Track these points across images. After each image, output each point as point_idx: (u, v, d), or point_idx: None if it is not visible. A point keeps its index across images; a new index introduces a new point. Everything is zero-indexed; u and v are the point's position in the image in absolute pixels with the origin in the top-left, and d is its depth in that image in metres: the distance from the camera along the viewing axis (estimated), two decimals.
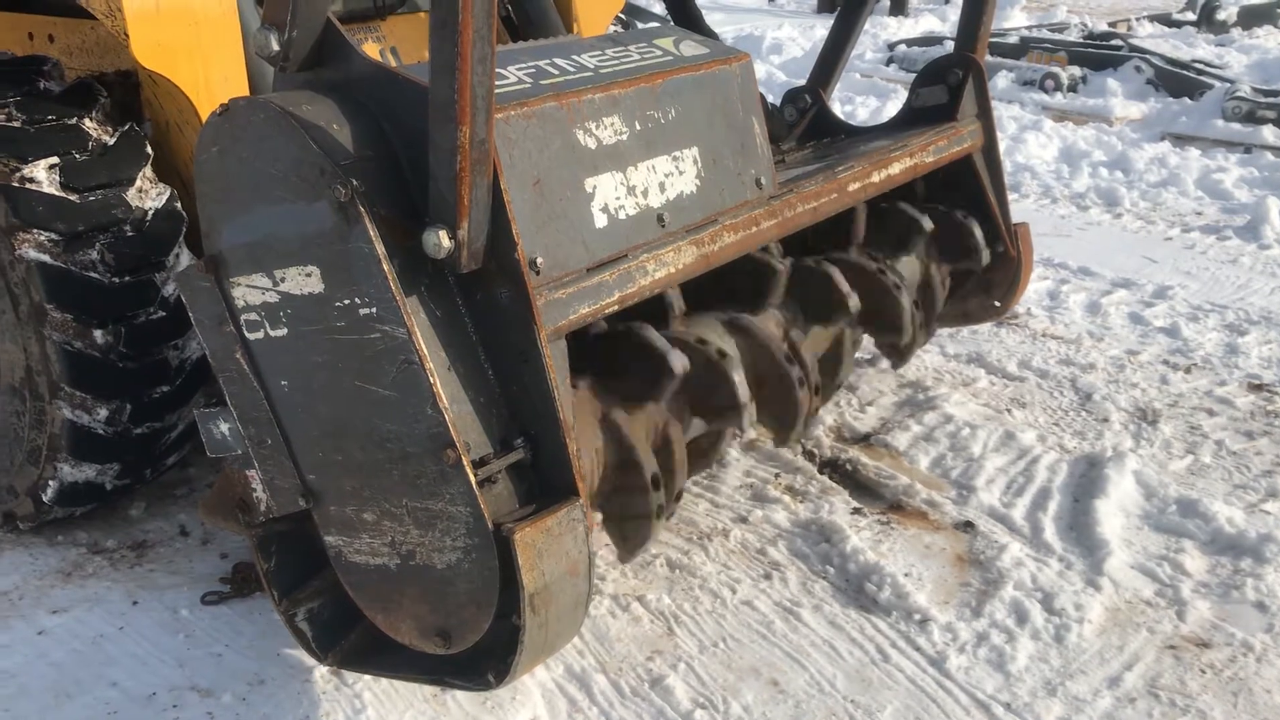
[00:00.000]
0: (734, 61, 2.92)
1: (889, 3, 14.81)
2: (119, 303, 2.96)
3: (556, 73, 2.53)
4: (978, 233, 3.76)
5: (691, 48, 2.92)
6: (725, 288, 3.01)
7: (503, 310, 2.19)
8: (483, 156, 2.02)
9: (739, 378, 2.71)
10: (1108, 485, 3.43)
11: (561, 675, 2.71)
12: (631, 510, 2.59)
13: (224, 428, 2.39)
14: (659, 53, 2.82)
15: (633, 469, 2.55)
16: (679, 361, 2.56)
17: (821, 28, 12.77)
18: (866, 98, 9.25)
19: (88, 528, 3.34)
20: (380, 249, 2.04)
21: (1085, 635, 2.83)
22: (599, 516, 2.66)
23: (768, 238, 2.92)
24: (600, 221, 2.45)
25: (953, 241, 3.76)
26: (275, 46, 2.14)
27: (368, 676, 2.63)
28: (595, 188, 2.46)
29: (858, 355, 3.80)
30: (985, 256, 3.80)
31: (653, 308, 2.71)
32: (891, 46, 11.16)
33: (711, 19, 3.90)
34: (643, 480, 2.53)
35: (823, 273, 3.18)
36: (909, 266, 3.67)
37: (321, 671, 2.69)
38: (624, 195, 2.53)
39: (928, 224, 3.60)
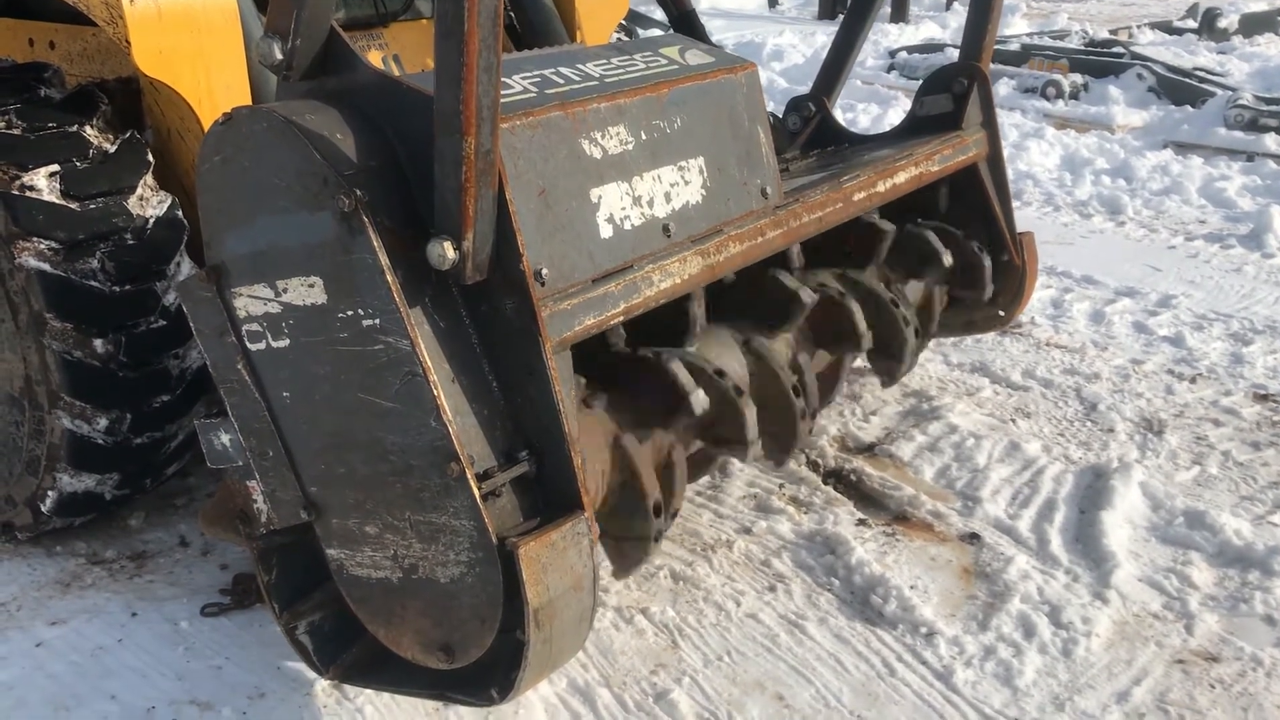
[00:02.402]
0: (739, 70, 2.91)
1: (890, 9, 14.81)
2: (119, 312, 2.94)
3: (562, 82, 2.51)
4: (988, 266, 3.75)
5: (697, 57, 2.90)
6: (747, 294, 3.03)
7: (507, 322, 2.17)
8: (488, 167, 2.00)
9: (750, 417, 2.70)
10: (1114, 497, 3.41)
11: (565, 689, 2.68)
12: (632, 532, 2.57)
13: (225, 439, 2.37)
14: (664, 62, 2.81)
15: (638, 494, 2.54)
16: (700, 404, 2.56)
17: (823, 34, 12.80)
18: (868, 105, 9.24)
19: (87, 538, 3.32)
20: (384, 260, 2.02)
21: (1093, 649, 2.80)
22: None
23: (774, 248, 2.90)
24: (606, 232, 2.43)
25: (964, 272, 3.76)
26: (279, 55, 2.13)
27: (369, 691, 2.60)
28: (600, 198, 2.44)
29: (858, 363, 3.78)
30: (990, 291, 3.80)
31: (674, 316, 2.72)
32: (893, 53, 11.15)
33: (712, 26, 3.89)
34: (645, 506, 2.53)
35: (846, 308, 3.20)
36: (914, 290, 3.67)
37: (322, 685, 2.66)
38: (629, 205, 2.51)
39: (947, 259, 3.60)
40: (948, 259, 3.60)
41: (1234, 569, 3.12)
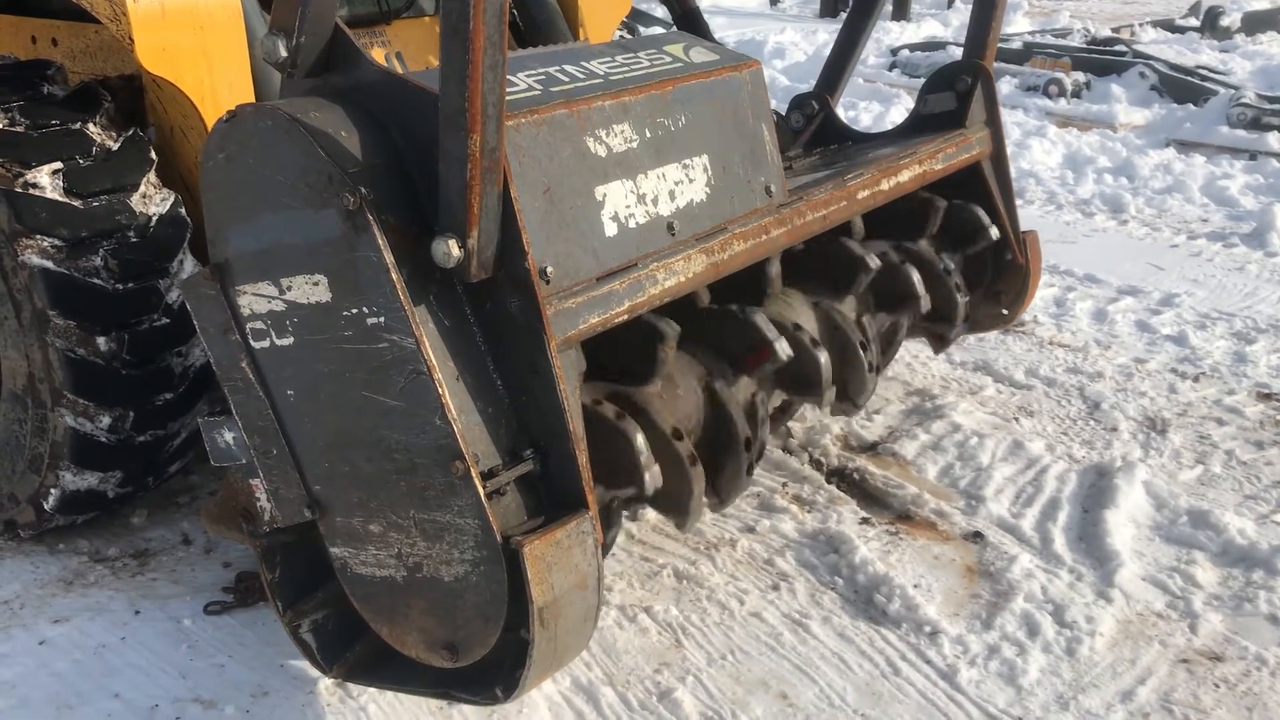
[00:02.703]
0: (744, 68, 2.90)
1: (891, 7, 14.80)
2: (122, 309, 2.93)
3: (567, 80, 2.50)
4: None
5: (701, 54, 2.90)
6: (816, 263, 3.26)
7: (512, 320, 2.16)
8: (493, 165, 2.00)
9: (826, 363, 2.95)
10: (1117, 495, 3.41)
11: (568, 688, 2.68)
12: (727, 465, 2.75)
13: (228, 437, 2.37)
14: (669, 59, 2.80)
15: (730, 431, 2.72)
16: (784, 351, 2.77)
17: (824, 32, 12.78)
18: (870, 102, 9.23)
19: (89, 536, 3.31)
20: (389, 258, 2.01)
21: (1097, 648, 2.80)
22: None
23: (778, 246, 2.90)
24: (610, 230, 2.43)
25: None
26: (283, 52, 2.12)
27: (373, 689, 2.60)
28: (605, 196, 2.43)
29: None
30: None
31: (753, 278, 2.93)
32: (894, 51, 11.14)
33: (714, 23, 3.89)
34: (738, 441, 2.72)
35: (904, 274, 3.42)
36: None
37: (326, 683, 2.66)
38: (634, 203, 2.50)
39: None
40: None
41: (1238, 568, 3.12)
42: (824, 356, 2.97)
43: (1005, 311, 4.08)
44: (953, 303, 3.63)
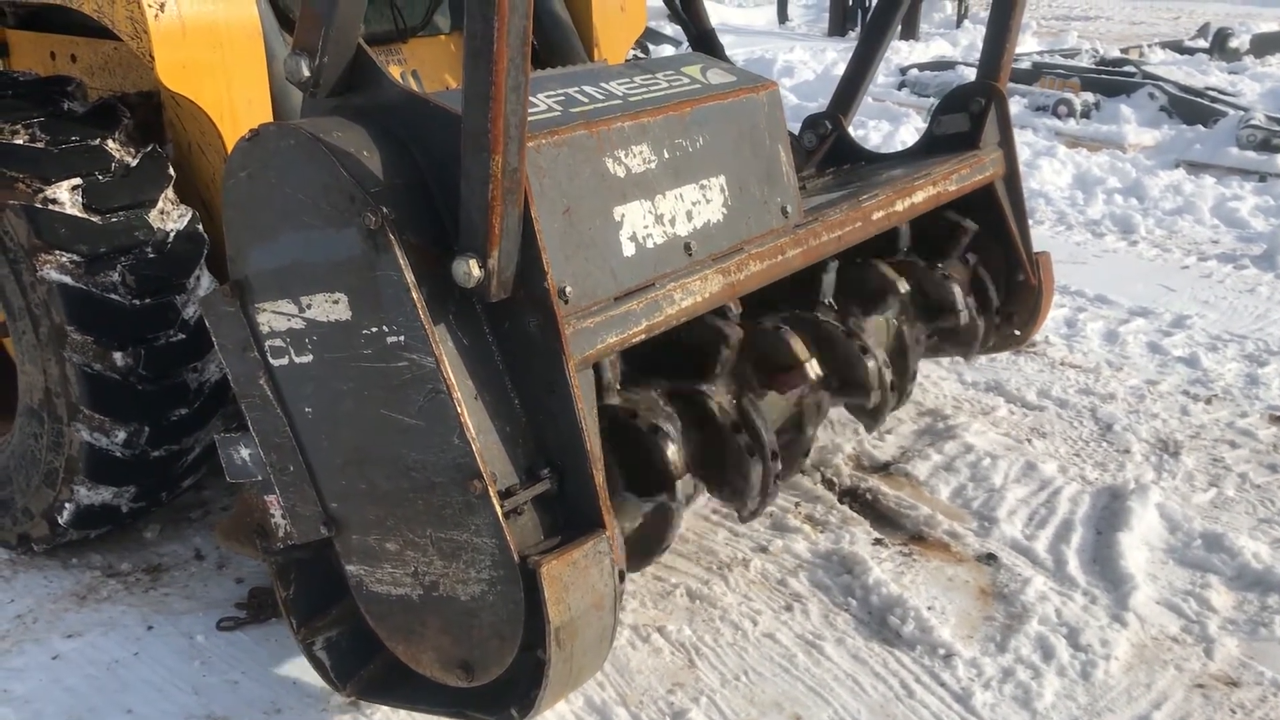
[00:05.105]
0: (761, 90, 2.91)
1: (900, 27, 14.83)
2: (139, 325, 2.94)
3: (586, 100, 2.52)
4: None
5: (719, 76, 2.91)
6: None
7: (530, 339, 2.17)
8: (514, 185, 2.01)
9: (874, 367, 3.11)
10: (1131, 518, 3.40)
11: (581, 707, 2.67)
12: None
13: (245, 453, 2.37)
14: (687, 81, 2.81)
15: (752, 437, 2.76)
16: (813, 370, 2.92)
17: (833, 51, 12.83)
18: (879, 121, 9.25)
19: (102, 550, 3.32)
20: (409, 277, 2.02)
21: (1112, 672, 2.79)
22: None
23: (793, 266, 2.90)
24: (628, 250, 2.44)
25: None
26: (306, 72, 2.14)
27: (386, 707, 2.59)
28: (624, 216, 2.44)
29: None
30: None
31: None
32: (903, 71, 11.18)
33: (722, 42, 3.90)
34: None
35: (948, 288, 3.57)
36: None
37: (339, 701, 2.65)
38: (652, 224, 2.51)
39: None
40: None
41: (1253, 592, 3.11)
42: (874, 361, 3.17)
43: (1018, 332, 4.09)
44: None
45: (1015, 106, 9.39)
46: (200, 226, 3.13)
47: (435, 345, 2.04)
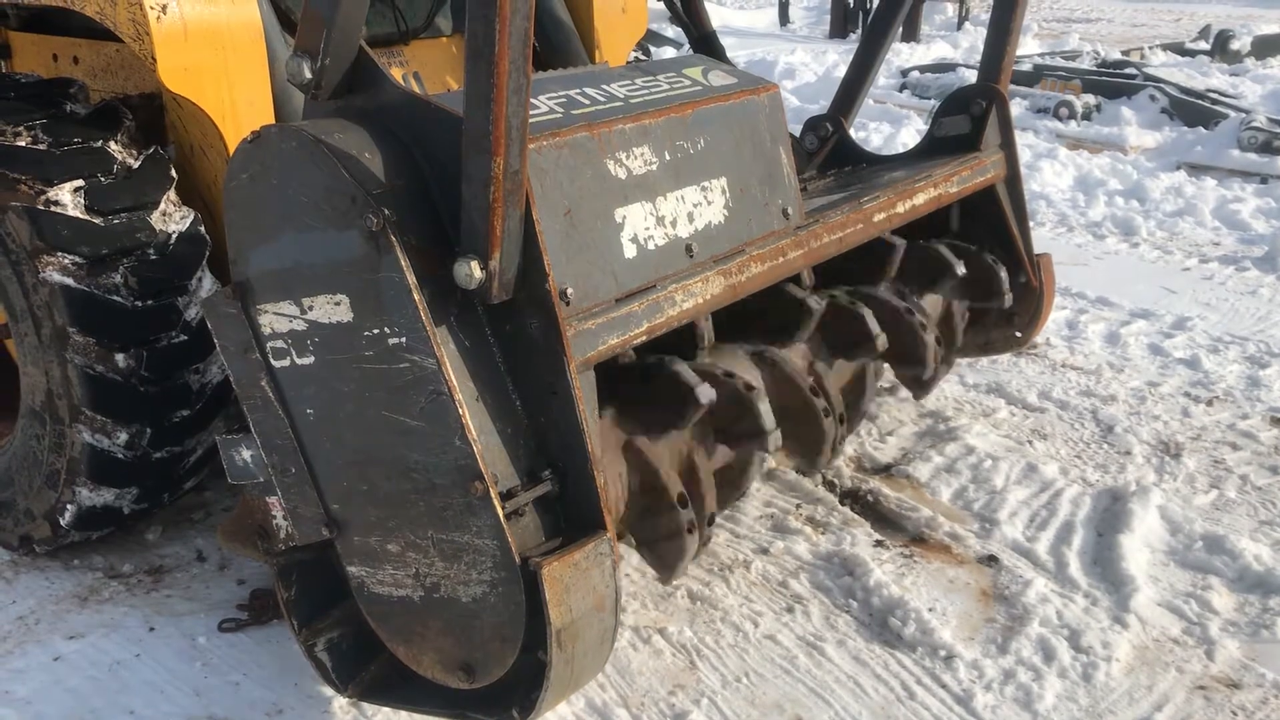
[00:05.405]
0: (762, 92, 2.92)
1: (901, 28, 14.84)
2: (141, 326, 2.95)
3: (587, 102, 2.52)
4: (1004, 276, 3.75)
5: (720, 78, 2.91)
6: (755, 317, 3.02)
7: (532, 341, 2.17)
8: (516, 187, 2.01)
9: (764, 407, 2.71)
10: (1132, 520, 3.40)
11: (582, 709, 2.67)
12: (662, 531, 2.58)
13: (246, 455, 2.37)
14: (688, 82, 2.82)
15: (658, 490, 2.55)
16: (706, 394, 2.54)
17: (834, 53, 12.84)
18: (880, 123, 9.26)
19: (104, 552, 3.32)
20: (411, 279, 2.02)
21: (1113, 674, 2.79)
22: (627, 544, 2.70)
23: (795, 268, 2.91)
24: (630, 252, 2.44)
25: (980, 283, 3.76)
26: (308, 74, 2.14)
27: (388, 709, 2.60)
28: (625, 218, 2.44)
29: (877, 384, 3.80)
30: (1009, 300, 3.78)
31: (682, 338, 2.71)
32: (904, 73, 11.18)
33: (723, 44, 3.90)
34: (669, 499, 2.54)
35: (856, 313, 3.20)
36: (931, 303, 3.67)
37: (340, 702, 2.66)
38: (653, 225, 2.52)
39: (960, 269, 3.60)
40: (960, 268, 3.59)
41: (1254, 594, 3.11)
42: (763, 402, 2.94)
43: (1019, 334, 4.09)
44: (921, 344, 3.45)
45: (1016, 108, 9.40)
46: (202, 228, 3.13)
47: (437, 347, 2.04)
